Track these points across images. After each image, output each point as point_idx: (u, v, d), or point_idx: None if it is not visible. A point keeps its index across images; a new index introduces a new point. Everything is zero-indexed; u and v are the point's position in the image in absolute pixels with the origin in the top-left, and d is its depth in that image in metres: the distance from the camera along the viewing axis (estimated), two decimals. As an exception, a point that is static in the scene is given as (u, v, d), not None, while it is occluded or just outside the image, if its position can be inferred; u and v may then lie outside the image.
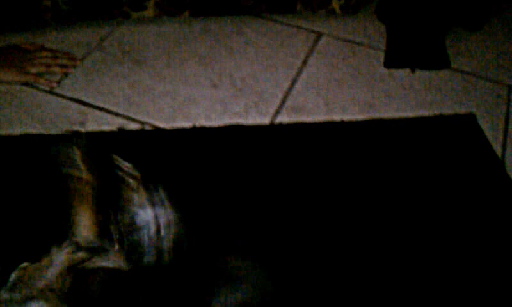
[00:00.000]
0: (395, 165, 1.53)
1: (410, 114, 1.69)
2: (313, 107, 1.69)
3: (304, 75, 1.80)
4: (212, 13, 1.96)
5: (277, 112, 1.66)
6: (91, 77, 1.73)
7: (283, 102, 1.70)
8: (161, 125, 1.59)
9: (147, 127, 1.58)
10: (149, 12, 1.90)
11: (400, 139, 1.61)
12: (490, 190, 1.50)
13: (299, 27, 1.98)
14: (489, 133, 1.65)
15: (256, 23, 1.98)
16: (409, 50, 1.88)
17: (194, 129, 1.57)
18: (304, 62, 1.84)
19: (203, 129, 1.57)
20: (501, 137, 1.66)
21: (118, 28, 1.92)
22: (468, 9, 2.01)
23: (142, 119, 1.60)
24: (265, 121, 1.63)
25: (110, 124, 1.57)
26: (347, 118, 1.66)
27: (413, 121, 1.66)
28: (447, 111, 1.71)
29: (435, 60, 1.87)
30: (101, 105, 1.63)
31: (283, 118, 1.64)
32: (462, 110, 1.72)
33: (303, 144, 1.57)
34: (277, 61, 1.84)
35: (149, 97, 1.68)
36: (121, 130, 1.56)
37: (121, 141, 1.53)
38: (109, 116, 1.60)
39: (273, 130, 1.61)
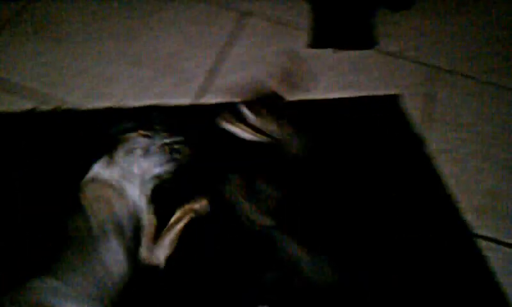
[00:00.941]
0: (320, 146, 1.52)
1: (336, 94, 1.68)
2: (238, 87, 1.65)
3: (229, 54, 1.76)
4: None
5: (202, 92, 1.61)
6: (3, 55, 1.62)
7: (208, 81, 1.65)
8: (78, 104, 1.50)
9: (63, 106, 1.49)
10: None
11: (326, 119, 1.60)
12: (412, 169, 1.52)
13: (223, 6, 1.93)
14: (412, 113, 1.67)
15: (179, 2, 1.92)
16: (333, 31, 1.87)
17: (112, 109, 1.50)
18: (230, 42, 1.80)
19: (121, 110, 1.50)
20: (423, 116, 1.68)
21: (33, 3, 1.80)
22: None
23: (58, 98, 1.51)
24: (189, 101, 1.58)
25: (24, 103, 1.48)
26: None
27: (339, 102, 1.66)
28: (373, 92, 1.71)
29: (360, 41, 1.87)
30: (14, 83, 1.53)
31: (208, 99, 1.60)
32: (388, 90, 1.73)
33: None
34: (201, 40, 1.79)
35: (66, 76, 1.59)
36: (33, 111, 1.47)
37: (35, 121, 1.45)
38: (22, 95, 1.50)
39: (196, 110, 1.56)
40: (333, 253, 1.28)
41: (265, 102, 1.40)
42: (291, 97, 1.59)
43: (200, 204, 1.25)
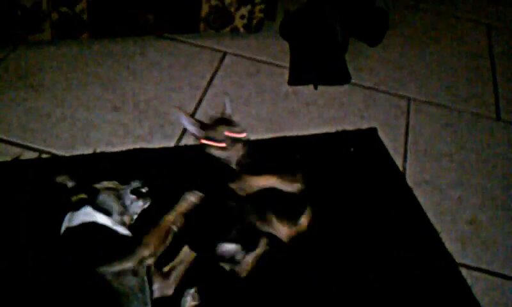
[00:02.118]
0: (303, 182, 1.54)
1: (315, 130, 1.71)
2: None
3: (210, 94, 1.78)
4: (113, 34, 1.90)
5: (183, 134, 1.62)
6: (-18, 105, 1.63)
7: (189, 123, 1.67)
8: (59, 152, 1.51)
9: (44, 155, 1.50)
10: (46, 34, 1.82)
11: (306, 155, 1.62)
12: (392, 201, 1.54)
13: (203, 47, 1.97)
14: (390, 145, 1.70)
15: (159, 44, 1.94)
16: (311, 67, 1.91)
17: (94, 155, 1.51)
18: (210, 82, 1.83)
19: (103, 155, 1.51)
20: (402, 148, 1.72)
21: (14, 52, 1.82)
22: (367, 25, 2.07)
23: (39, 147, 1.52)
24: (171, 144, 1.60)
25: (3, 154, 1.48)
26: (253, 136, 1.65)
27: (318, 138, 1.68)
28: (350, 126, 1.74)
29: (336, 76, 1.91)
30: (-6, 134, 1.54)
31: (189, 140, 1.61)
32: (365, 124, 1.77)
33: (210, 165, 1.54)
34: (182, 81, 1.81)
35: (46, 123, 1.60)
36: (15, 160, 1.47)
37: (16, 171, 1.44)
38: (2, 145, 1.51)
39: (178, 153, 1.58)
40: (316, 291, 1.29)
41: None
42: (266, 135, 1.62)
43: (194, 196, 1.30)
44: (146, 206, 1.30)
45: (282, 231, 1.35)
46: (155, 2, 1.85)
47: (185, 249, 1.26)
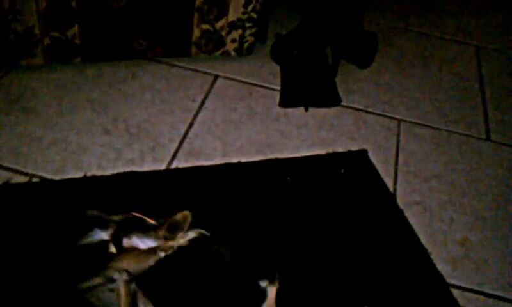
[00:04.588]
0: (293, 204, 1.55)
1: (306, 152, 1.72)
2: (211, 149, 1.68)
3: (201, 117, 1.79)
4: (105, 58, 1.92)
5: (174, 157, 1.63)
6: (-26, 129, 1.63)
7: (180, 146, 1.68)
8: (50, 176, 1.51)
9: (35, 179, 1.50)
10: (38, 59, 1.83)
11: (297, 177, 1.62)
12: (383, 223, 1.54)
13: (194, 70, 1.98)
14: (381, 167, 1.71)
15: (151, 67, 1.96)
16: (302, 90, 1.93)
17: (85, 179, 1.51)
18: (201, 105, 1.84)
19: (94, 178, 1.51)
20: (392, 169, 1.72)
21: (6, 76, 1.83)
22: (357, 48, 2.10)
23: (30, 172, 1.52)
24: (162, 166, 1.60)
25: (-5, 177, 1.48)
26: (244, 159, 1.66)
27: (309, 160, 1.69)
28: (340, 147, 1.76)
29: (327, 98, 1.93)
30: (-16, 158, 1.54)
31: (180, 163, 1.62)
32: (356, 146, 1.78)
33: (201, 188, 1.55)
34: (173, 104, 1.82)
35: (38, 147, 1.60)
36: (6, 184, 1.47)
37: (6, 195, 1.44)
38: (-5, 167, 1.51)
39: (169, 176, 1.58)
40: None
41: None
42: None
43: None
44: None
45: None
46: (147, 26, 1.87)
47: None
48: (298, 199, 1.56)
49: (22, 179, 1.49)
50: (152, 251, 1.22)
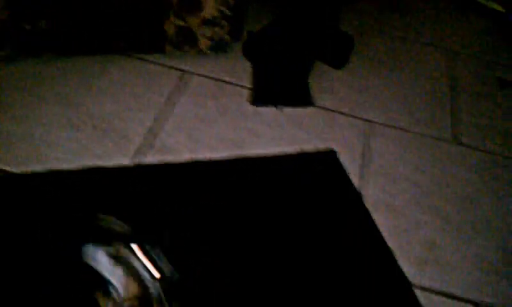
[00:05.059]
0: (261, 203, 1.54)
1: (275, 151, 1.72)
2: (180, 146, 1.67)
3: (171, 114, 1.78)
4: (76, 52, 1.90)
5: (141, 153, 1.62)
6: None
7: (148, 141, 1.66)
8: (13, 170, 1.49)
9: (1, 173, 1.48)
10: (6, 52, 1.80)
11: (266, 176, 1.62)
12: (350, 223, 1.55)
13: (167, 66, 1.97)
14: (349, 167, 1.72)
15: (124, 63, 1.94)
16: (274, 88, 1.93)
17: (50, 173, 1.49)
18: (172, 101, 1.83)
19: (59, 173, 1.50)
20: (360, 170, 1.73)
21: (-28, 69, 1.80)
22: (331, 48, 2.10)
23: (-4, 164, 1.50)
24: (128, 162, 1.59)
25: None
26: (213, 156, 1.65)
27: (278, 159, 1.69)
28: (310, 147, 1.76)
29: (299, 97, 1.93)
30: None
31: (148, 159, 1.61)
32: (325, 145, 1.78)
33: (168, 185, 1.54)
34: (143, 100, 1.81)
35: (4, 142, 1.57)
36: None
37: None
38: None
39: (137, 172, 1.57)
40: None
41: None
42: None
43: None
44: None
45: None
46: (121, 21, 1.86)
47: None
48: (266, 197, 1.55)
49: (-14, 172, 1.47)
50: None
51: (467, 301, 1.45)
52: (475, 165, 1.86)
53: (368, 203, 1.62)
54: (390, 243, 1.53)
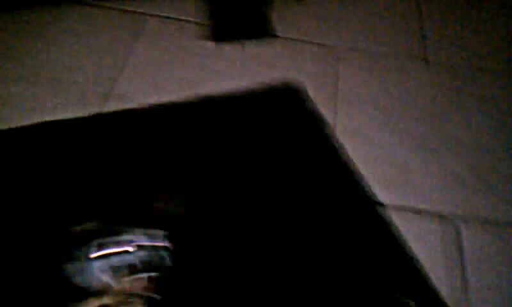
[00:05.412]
0: (229, 144, 1.51)
1: (240, 88, 1.67)
2: (140, 92, 1.62)
3: (128, 59, 1.71)
4: (24, 3, 1.80)
5: (100, 102, 1.56)
6: None
7: (107, 90, 1.60)
8: (-32, 131, 1.43)
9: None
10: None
11: (232, 116, 1.58)
12: (320, 152, 1.53)
13: (123, 11, 1.88)
14: (318, 98, 1.68)
15: (76, 10, 1.85)
16: (235, 23, 1.86)
17: (8, 131, 1.44)
18: (129, 46, 1.76)
19: (15, 130, 1.44)
20: (329, 99, 1.70)
21: None
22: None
23: None
24: (87, 112, 1.53)
25: None
26: (177, 98, 1.60)
27: (243, 96, 1.65)
28: (276, 81, 1.71)
29: (260, 30, 1.87)
30: None
31: (110, 108, 1.55)
32: (290, 78, 1.74)
33: (130, 133, 1.50)
34: (98, 47, 1.73)
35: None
36: None
37: None
38: None
39: (96, 122, 1.52)
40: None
41: None
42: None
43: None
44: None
45: None
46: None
47: None
48: (234, 139, 1.52)
49: None
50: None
51: (436, 215, 1.46)
52: (442, 83, 1.84)
53: (339, 132, 1.60)
54: (363, 170, 1.51)
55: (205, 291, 1.18)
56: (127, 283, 1.10)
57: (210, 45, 1.81)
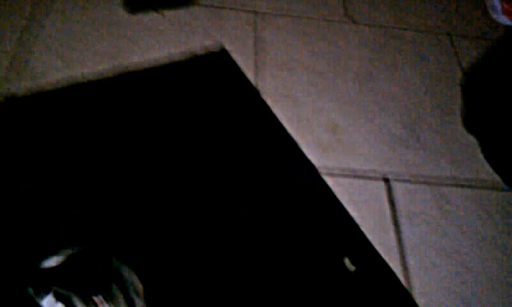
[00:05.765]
0: (154, 115, 1.43)
1: (161, 58, 1.58)
2: (52, 69, 1.49)
3: (37, 35, 1.58)
4: None
5: (9, 84, 1.43)
6: None
7: (15, 70, 1.47)
8: None
9: None
10: None
11: (156, 85, 1.49)
12: (250, 120, 1.47)
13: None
14: (242, 63, 1.61)
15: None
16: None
17: None
18: (37, 21, 1.62)
19: None
20: (254, 64, 1.64)
21: None
22: None
23: None
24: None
25: None
26: (92, 75, 1.49)
27: (165, 67, 1.56)
28: (198, 49, 1.63)
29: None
30: None
31: (18, 89, 1.43)
32: (213, 44, 1.66)
33: (45, 115, 1.38)
34: (1, 25, 1.59)
35: None
36: None
37: None
38: None
39: (7, 106, 1.39)
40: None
41: None
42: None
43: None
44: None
45: None
46: None
47: None
48: (159, 109, 1.44)
49: None
50: None
51: (368, 173, 1.44)
52: (370, 41, 1.81)
53: (267, 97, 1.54)
54: (293, 133, 1.47)
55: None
56: None
57: (125, 14, 1.70)
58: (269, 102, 1.53)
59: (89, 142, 1.34)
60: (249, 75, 1.58)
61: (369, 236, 1.32)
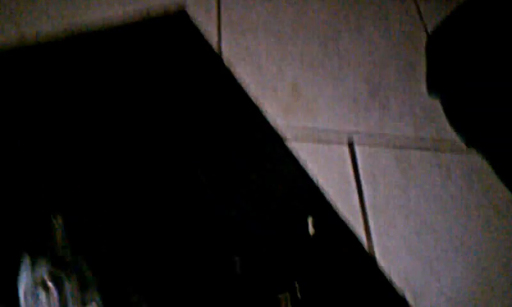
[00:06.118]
0: (113, 79, 1.37)
1: (116, 17, 1.51)
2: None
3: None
4: None
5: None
6: None
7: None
8: None
9: None
10: None
11: (111, 52, 1.43)
12: (210, 83, 1.43)
13: None
14: (202, 25, 1.56)
15: None
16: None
17: None
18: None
19: None
20: (214, 26, 1.58)
21: None
22: None
23: None
24: None
25: None
26: (43, 36, 1.42)
27: (121, 28, 1.49)
28: (156, 8, 1.56)
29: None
30: None
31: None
32: (171, 4, 1.59)
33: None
34: None
35: None
36: None
37: None
38: None
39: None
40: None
41: None
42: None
43: None
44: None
45: None
46: None
47: None
48: (115, 74, 1.38)
49: None
50: None
51: (330, 134, 1.43)
52: (334, 2, 1.78)
53: (227, 60, 1.50)
54: (256, 95, 1.44)
55: None
56: None
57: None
58: (228, 63, 1.49)
59: (37, 110, 1.28)
60: (209, 38, 1.53)
61: (332, 196, 1.30)
